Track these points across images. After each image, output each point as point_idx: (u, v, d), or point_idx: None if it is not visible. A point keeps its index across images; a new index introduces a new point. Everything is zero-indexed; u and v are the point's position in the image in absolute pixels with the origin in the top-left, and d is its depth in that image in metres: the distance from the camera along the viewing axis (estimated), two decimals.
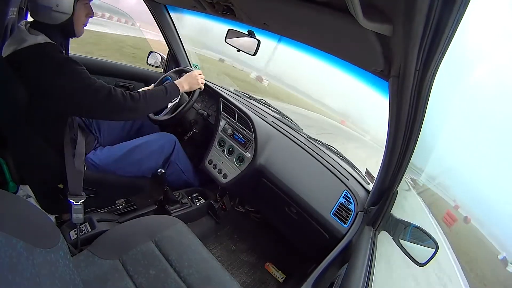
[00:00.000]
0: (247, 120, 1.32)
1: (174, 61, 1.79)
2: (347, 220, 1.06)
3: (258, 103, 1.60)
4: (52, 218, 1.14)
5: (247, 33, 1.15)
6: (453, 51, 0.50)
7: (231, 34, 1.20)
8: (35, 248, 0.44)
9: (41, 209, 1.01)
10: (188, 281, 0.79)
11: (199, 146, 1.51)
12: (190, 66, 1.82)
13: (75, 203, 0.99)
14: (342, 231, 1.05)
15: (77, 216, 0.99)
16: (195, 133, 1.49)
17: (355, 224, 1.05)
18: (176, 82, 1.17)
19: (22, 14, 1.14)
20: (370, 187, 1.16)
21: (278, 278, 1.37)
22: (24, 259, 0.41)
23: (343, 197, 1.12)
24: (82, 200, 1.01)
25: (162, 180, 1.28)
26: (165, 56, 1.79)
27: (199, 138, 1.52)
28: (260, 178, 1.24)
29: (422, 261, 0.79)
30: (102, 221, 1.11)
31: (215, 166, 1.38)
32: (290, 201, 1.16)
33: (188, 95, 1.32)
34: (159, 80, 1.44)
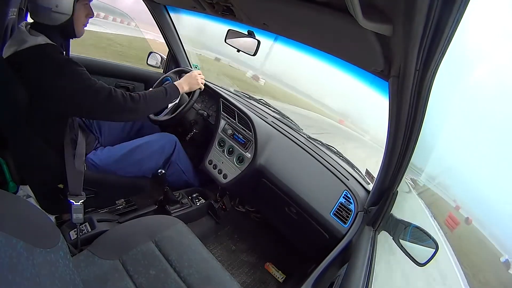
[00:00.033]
0: (247, 120, 1.32)
1: (174, 62, 1.79)
2: (347, 220, 1.06)
3: (258, 103, 1.60)
4: (52, 218, 1.14)
5: (247, 33, 1.15)
6: (453, 51, 0.50)
7: (231, 35, 1.20)
8: (35, 248, 0.44)
9: (41, 209, 1.01)
10: (188, 281, 0.79)
11: (199, 146, 1.52)
12: (190, 67, 1.82)
13: (75, 203, 1.00)
14: (342, 231, 1.05)
15: (77, 216, 0.99)
16: (195, 133, 1.49)
17: (355, 224, 1.05)
18: (176, 83, 1.17)
19: (22, 15, 1.15)
20: (370, 187, 1.16)
21: (278, 278, 1.37)
22: (24, 259, 0.41)
23: (343, 197, 1.12)
24: (82, 200, 1.01)
25: (163, 180, 1.28)
26: (165, 57, 1.79)
27: (199, 139, 1.52)
28: (260, 178, 1.24)
29: (422, 261, 0.79)
30: (102, 221, 1.12)
31: (215, 166, 1.38)
32: (290, 201, 1.16)
33: (188, 96, 1.32)
34: (159, 81, 1.44)
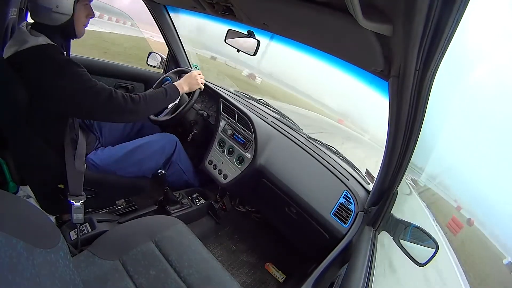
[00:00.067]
0: (247, 121, 1.32)
1: (174, 62, 1.79)
2: (347, 220, 1.06)
3: (258, 104, 1.60)
4: (52, 219, 1.14)
5: (247, 33, 1.15)
6: (453, 51, 0.50)
7: (231, 35, 1.20)
8: (35, 248, 0.44)
9: (41, 210, 1.01)
10: (188, 281, 0.79)
11: (199, 147, 1.52)
12: (190, 67, 1.82)
13: (75, 204, 1.00)
14: (342, 231, 1.05)
15: (77, 217, 0.99)
16: (196, 134, 1.49)
17: (355, 224, 1.05)
18: (176, 84, 1.17)
19: (22, 15, 1.15)
20: (370, 187, 1.16)
21: (278, 278, 1.37)
22: (24, 259, 0.41)
23: (343, 197, 1.12)
24: (83, 201, 1.01)
25: (163, 181, 1.28)
26: (165, 57, 1.79)
27: (199, 139, 1.52)
28: (260, 179, 1.24)
29: (422, 261, 0.79)
30: (102, 222, 1.12)
31: (215, 167, 1.38)
32: (290, 201, 1.16)
33: (188, 96, 1.32)
34: (159, 81, 1.44)
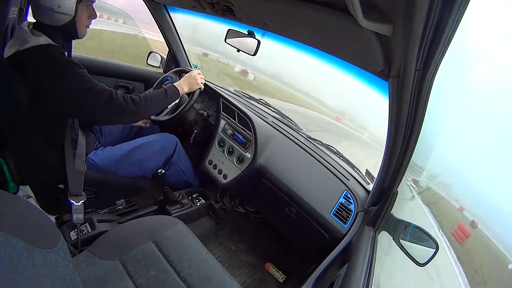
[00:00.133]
0: (247, 121, 1.32)
1: (174, 61, 1.79)
2: (347, 220, 1.06)
3: (258, 103, 1.60)
4: (52, 219, 1.14)
5: (247, 33, 1.15)
6: (453, 51, 0.50)
7: (231, 34, 1.20)
8: (35, 249, 0.44)
9: (41, 210, 1.01)
10: (188, 281, 0.79)
11: (199, 147, 1.52)
12: (190, 66, 1.82)
13: (76, 204, 0.99)
14: (342, 231, 1.04)
15: (78, 217, 0.99)
16: (196, 134, 1.49)
17: (355, 224, 1.05)
18: (176, 84, 1.17)
19: (22, 15, 1.15)
20: (370, 187, 1.16)
21: (278, 278, 1.37)
22: (24, 260, 0.41)
23: (343, 197, 1.12)
24: (83, 201, 1.01)
25: (163, 181, 1.28)
26: (165, 56, 1.79)
27: (199, 139, 1.52)
28: (260, 178, 1.24)
29: (422, 261, 0.79)
30: (103, 222, 1.12)
31: (215, 167, 1.38)
32: (290, 201, 1.16)
33: (188, 96, 1.32)
34: (159, 81, 1.44)
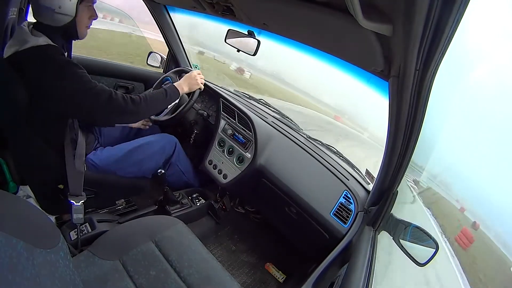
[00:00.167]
0: (247, 121, 1.32)
1: (174, 61, 1.79)
2: (347, 220, 1.06)
3: (258, 103, 1.60)
4: (52, 219, 1.14)
5: (247, 33, 1.15)
6: (453, 51, 0.50)
7: (231, 35, 1.20)
8: (35, 249, 0.44)
9: (41, 210, 1.01)
10: (188, 281, 0.79)
11: (199, 147, 1.52)
12: (190, 66, 1.82)
13: (76, 204, 0.99)
14: (342, 231, 1.04)
15: (78, 217, 0.99)
16: (196, 134, 1.49)
17: (355, 224, 1.05)
18: (176, 84, 1.17)
19: (22, 15, 1.15)
20: (370, 187, 1.16)
21: (278, 278, 1.37)
22: (24, 259, 0.41)
23: (343, 197, 1.12)
24: (83, 201, 1.01)
25: (162, 181, 1.28)
26: (165, 57, 1.79)
27: (199, 139, 1.52)
28: (260, 178, 1.24)
29: (422, 261, 0.79)
30: (102, 222, 1.12)
31: (215, 167, 1.38)
32: (290, 201, 1.16)
33: (188, 96, 1.32)
34: (159, 81, 1.44)
